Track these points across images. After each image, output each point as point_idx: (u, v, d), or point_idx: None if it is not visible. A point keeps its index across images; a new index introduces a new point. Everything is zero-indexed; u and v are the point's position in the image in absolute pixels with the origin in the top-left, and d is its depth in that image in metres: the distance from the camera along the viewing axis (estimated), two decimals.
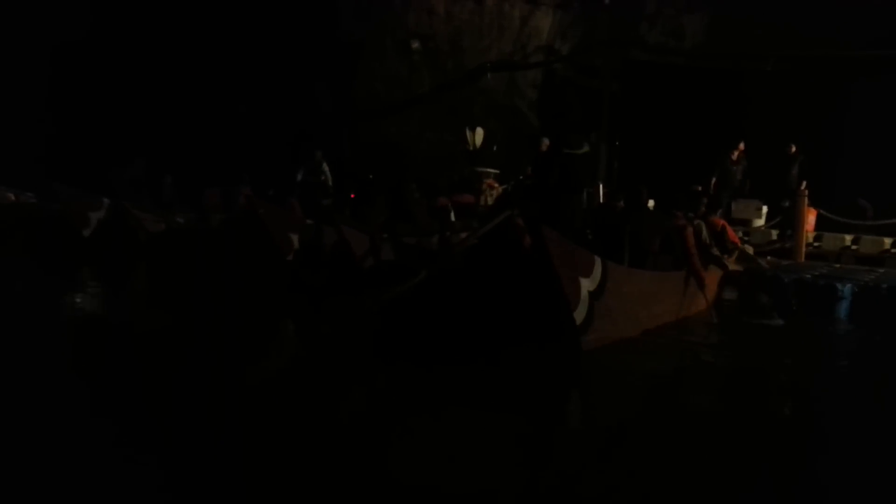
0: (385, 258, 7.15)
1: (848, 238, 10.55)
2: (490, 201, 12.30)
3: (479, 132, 14.43)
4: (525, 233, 6.02)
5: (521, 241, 5.97)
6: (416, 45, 15.07)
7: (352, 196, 11.04)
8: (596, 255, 4.95)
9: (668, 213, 6.47)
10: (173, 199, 12.16)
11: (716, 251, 6.73)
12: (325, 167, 11.88)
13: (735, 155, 11.36)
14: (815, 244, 10.65)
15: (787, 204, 10.57)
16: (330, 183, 11.97)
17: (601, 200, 10.74)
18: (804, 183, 10.82)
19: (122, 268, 9.93)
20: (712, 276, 6.83)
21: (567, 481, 3.17)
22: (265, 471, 3.11)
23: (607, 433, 3.87)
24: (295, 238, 8.96)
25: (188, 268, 9.59)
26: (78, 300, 7.46)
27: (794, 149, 11.28)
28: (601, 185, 11.40)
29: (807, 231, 10.20)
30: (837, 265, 9.61)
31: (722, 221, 7.70)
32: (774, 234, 11.03)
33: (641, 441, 3.71)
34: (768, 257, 9.83)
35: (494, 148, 14.44)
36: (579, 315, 4.82)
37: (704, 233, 6.58)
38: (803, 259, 9.76)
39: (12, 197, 12.57)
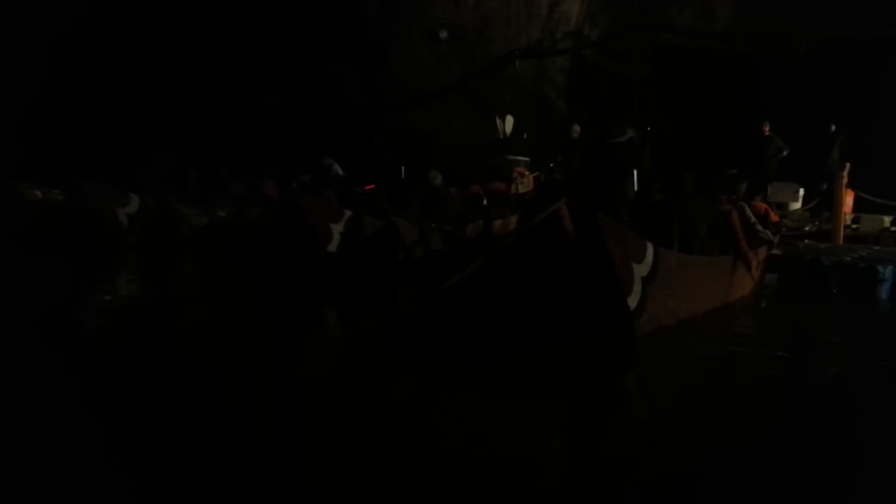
0: (434, 248, 7.25)
1: (887, 219, 10.45)
2: (521, 189, 12.32)
3: (509, 120, 14.44)
4: (569, 220, 6.09)
5: (565, 229, 6.04)
6: (443, 34, 15.08)
7: (367, 188, 11.09)
8: (648, 241, 5.00)
9: (712, 197, 6.49)
10: (198, 193, 12.09)
11: (760, 232, 6.73)
12: (336, 167, 11.84)
13: (763, 137, 11.26)
14: (854, 226, 10.56)
15: (824, 186, 10.49)
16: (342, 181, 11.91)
17: (635, 188, 10.71)
18: (847, 165, 10.73)
19: (163, 262, 10.15)
20: (758, 259, 6.85)
21: (618, 462, 3.26)
22: (321, 449, 3.27)
23: (659, 417, 3.94)
24: (335, 228, 9.09)
25: (231, 260, 9.78)
26: (111, 296, 7.61)
27: (833, 128, 11.15)
28: (634, 172, 11.39)
29: (845, 213, 10.10)
30: (877, 247, 9.52)
31: (764, 205, 7.70)
32: (808, 215, 10.97)
33: (692, 425, 3.77)
34: (805, 241, 9.78)
35: (524, 135, 14.45)
36: (633, 300, 4.89)
37: (749, 213, 6.59)
38: (842, 241, 9.69)
39: (39, 194, 12.52)
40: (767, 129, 11.25)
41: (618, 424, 3.89)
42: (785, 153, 11.18)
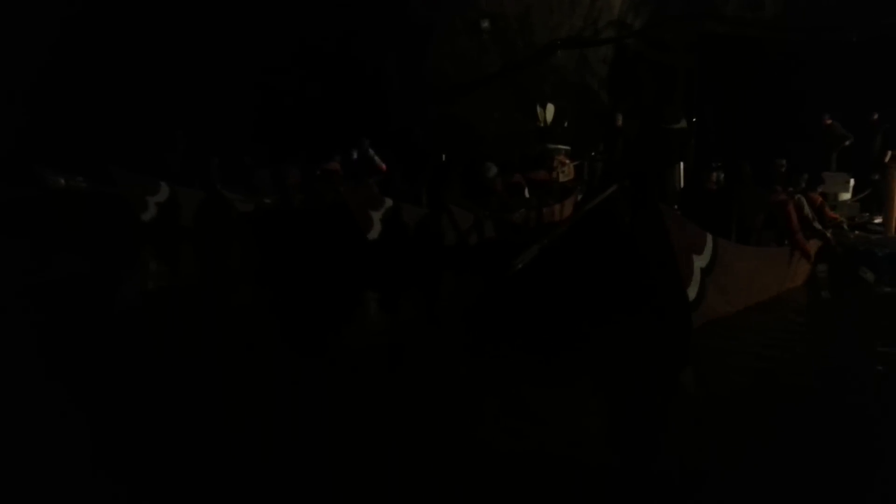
0: (488, 235, 7.27)
1: None
2: (562, 178, 12.28)
3: (550, 108, 14.35)
4: (624, 207, 6.07)
5: (622, 216, 6.03)
6: (485, 24, 15.02)
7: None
8: (708, 232, 4.97)
9: (768, 188, 6.42)
10: (222, 180, 12.08)
11: (817, 225, 6.65)
12: (372, 152, 11.92)
13: (824, 126, 11.14)
14: None
15: (876, 177, 10.29)
16: (379, 165, 11.96)
17: (681, 180, 10.56)
18: (889, 153, 10.52)
19: (214, 247, 10.31)
20: (812, 251, 6.76)
21: (676, 454, 3.27)
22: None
23: (715, 409, 3.91)
24: (376, 216, 9.14)
25: (277, 246, 9.91)
26: (161, 280, 7.73)
27: (875, 117, 10.99)
28: (681, 164, 11.25)
29: None
30: None
31: (820, 198, 7.58)
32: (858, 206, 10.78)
33: (741, 420, 3.74)
34: (857, 231, 9.62)
35: (565, 124, 14.35)
36: (692, 291, 4.87)
37: (806, 207, 6.51)
38: (894, 233, 9.50)
39: (62, 181, 12.58)
40: (829, 119, 11.15)
41: (670, 417, 3.89)
42: (848, 143, 11.06)
